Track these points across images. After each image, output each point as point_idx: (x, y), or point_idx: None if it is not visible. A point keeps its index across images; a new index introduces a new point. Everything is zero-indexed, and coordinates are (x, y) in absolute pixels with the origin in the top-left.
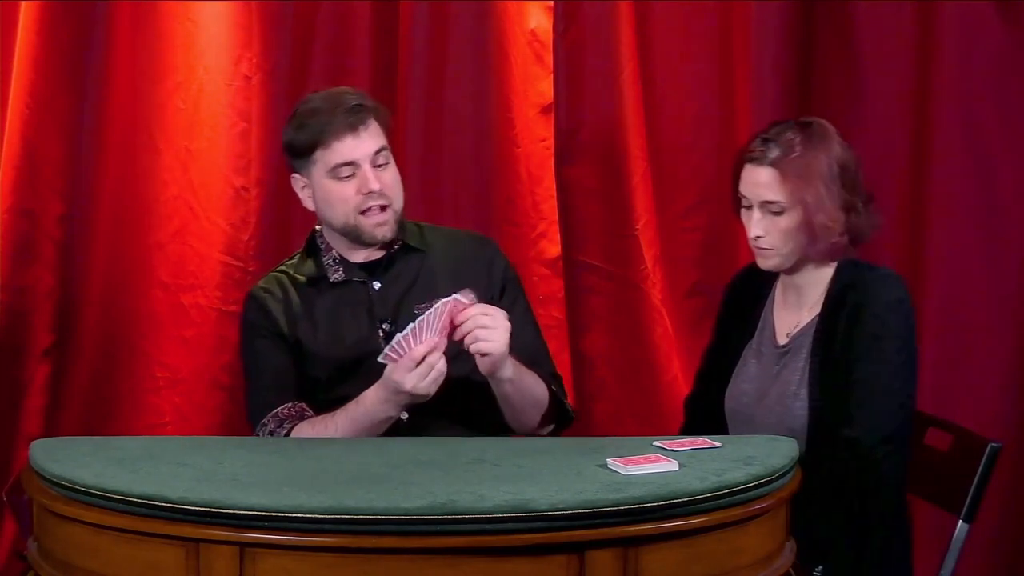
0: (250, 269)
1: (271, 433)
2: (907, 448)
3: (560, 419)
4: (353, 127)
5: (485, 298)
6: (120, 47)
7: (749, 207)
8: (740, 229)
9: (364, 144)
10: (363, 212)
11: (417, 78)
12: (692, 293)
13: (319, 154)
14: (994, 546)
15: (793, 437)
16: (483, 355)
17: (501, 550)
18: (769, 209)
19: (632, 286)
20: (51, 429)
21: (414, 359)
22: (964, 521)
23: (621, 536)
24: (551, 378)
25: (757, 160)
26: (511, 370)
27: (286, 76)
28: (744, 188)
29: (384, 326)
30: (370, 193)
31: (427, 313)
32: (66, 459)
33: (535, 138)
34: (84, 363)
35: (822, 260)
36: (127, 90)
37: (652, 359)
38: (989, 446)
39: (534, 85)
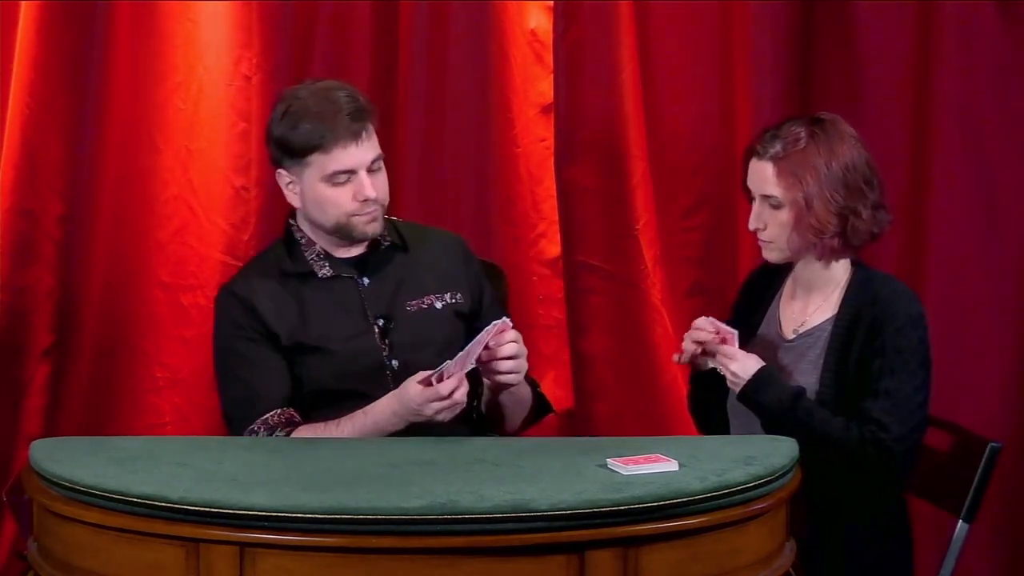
0: None
1: None
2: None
3: (539, 415)
4: (356, 135)
5: (472, 294)
6: (120, 47)
7: (754, 199)
8: (740, 229)
9: (365, 153)
10: (355, 214)
11: (417, 78)
12: (692, 293)
13: (316, 158)
14: (994, 546)
15: None
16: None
17: (501, 550)
18: (769, 202)
19: (632, 286)
20: (51, 429)
21: (442, 394)
22: (964, 521)
23: (621, 536)
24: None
25: (759, 154)
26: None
27: (286, 76)
28: (748, 181)
29: (379, 322)
30: (366, 201)
31: (477, 338)
32: (66, 459)
33: (535, 138)
34: (84, 363)
35: (823, 258)
36: (127, 90)
37: (652, 359)
38: (989, 446)
39: (534, 85)
